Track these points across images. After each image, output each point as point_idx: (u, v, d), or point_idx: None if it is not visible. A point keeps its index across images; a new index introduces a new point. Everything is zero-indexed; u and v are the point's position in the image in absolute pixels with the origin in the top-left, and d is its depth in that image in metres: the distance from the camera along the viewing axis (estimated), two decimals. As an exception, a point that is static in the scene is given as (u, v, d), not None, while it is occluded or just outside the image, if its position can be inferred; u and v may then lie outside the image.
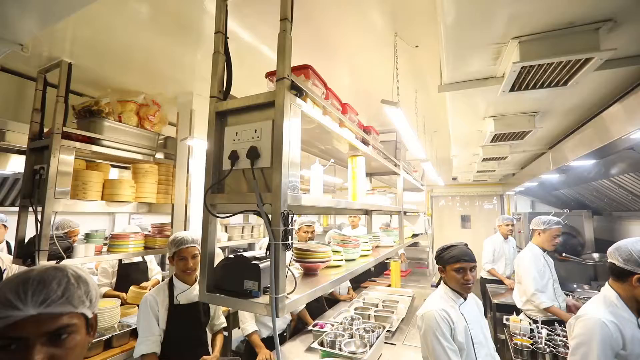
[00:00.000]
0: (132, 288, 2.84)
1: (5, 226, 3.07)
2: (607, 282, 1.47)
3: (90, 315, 0.75)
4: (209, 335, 2.11)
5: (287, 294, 1.13)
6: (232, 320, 3.12)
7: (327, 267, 1.72)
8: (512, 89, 1.42)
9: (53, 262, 2.00)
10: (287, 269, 1.14)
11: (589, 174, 3.33)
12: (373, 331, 2.21)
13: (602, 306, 1.39)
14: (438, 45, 1.46)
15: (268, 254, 1.10)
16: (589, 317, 1.36)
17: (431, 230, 7.08)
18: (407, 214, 5.14)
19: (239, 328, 3.37)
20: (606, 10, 1.14)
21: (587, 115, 2.18)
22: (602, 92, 1.82)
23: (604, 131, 1.83)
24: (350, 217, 4.83)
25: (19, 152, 3.19)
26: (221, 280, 1.23)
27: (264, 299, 1.10)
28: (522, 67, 1.24)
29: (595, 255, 4.27)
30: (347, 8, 1.67)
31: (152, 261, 3.36)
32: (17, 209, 2.47)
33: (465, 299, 1.67)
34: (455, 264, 1.60)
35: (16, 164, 3.27)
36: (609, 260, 1.44)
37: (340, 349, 1.98)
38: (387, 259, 5.19)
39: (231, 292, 1.19)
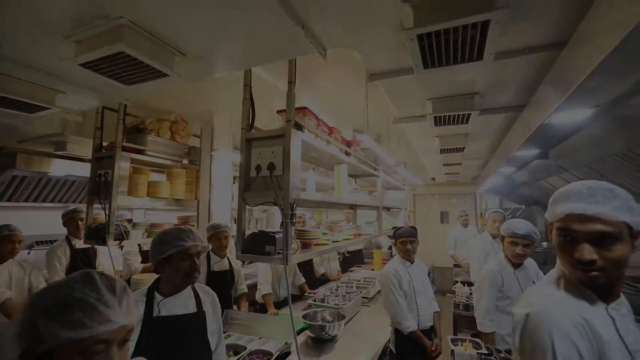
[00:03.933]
0: None
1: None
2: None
3: None
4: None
5: (292, 254, 1.87)
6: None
7: (318, 244, 2.47)
8: (435, 125, 2.20)
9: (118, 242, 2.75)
10: (292, 237, 1.89)
11: (531, 176, 4.13)
12: (353, 292, 2.98)
13: (494, 262, 2.18)
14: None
15: (280, 229, 1.85)
16: (484, 268, 2.16)
17: (413, 224, 7.85)
18: (391, 209, 5.92)
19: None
20: (472, 90, 1.95)
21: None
22: (506, 122, 2.61)
23: (503, 148, 2.61)
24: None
25: (59, 156, 3.88)
26: (250, 246, 1.96)
27: (278, 256, 1.85)
28: (435, 116, 2.02)
29: (545, 244, 5.10)
30: (336, 64, 2.39)
31: None
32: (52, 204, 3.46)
33: (412, 262, 2.44)
34: (400, 239, 2.38)
35: (59, 168, 3.95)
36: (504, 234, 2.22)
37: (328, 303, 2.75)
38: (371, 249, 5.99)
39: (256, 253, 1.93)
